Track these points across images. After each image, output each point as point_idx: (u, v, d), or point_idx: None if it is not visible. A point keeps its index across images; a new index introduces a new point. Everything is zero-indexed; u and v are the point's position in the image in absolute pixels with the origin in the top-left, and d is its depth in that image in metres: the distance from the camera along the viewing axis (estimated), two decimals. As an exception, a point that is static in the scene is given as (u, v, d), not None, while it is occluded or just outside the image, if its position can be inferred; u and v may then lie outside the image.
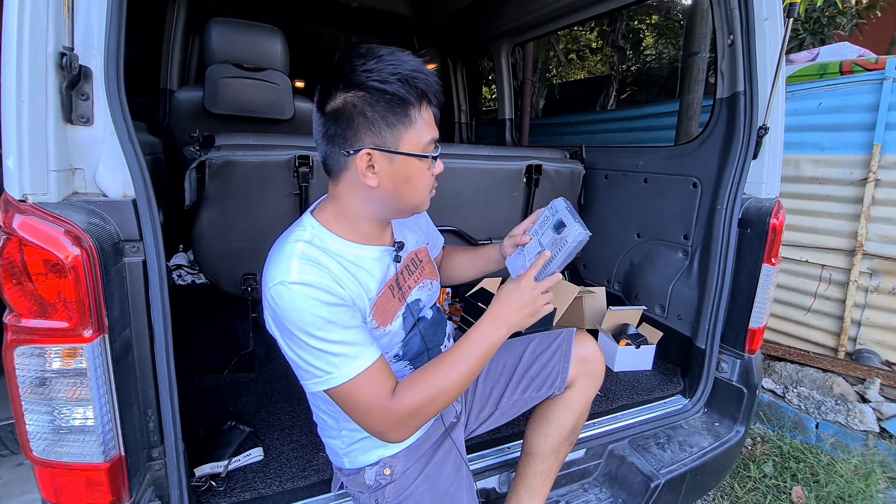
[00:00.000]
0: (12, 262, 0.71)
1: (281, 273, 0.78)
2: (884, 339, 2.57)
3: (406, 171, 0.83)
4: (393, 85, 0.78)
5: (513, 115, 3.20)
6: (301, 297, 0.76)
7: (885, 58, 2.56)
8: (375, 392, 0.80)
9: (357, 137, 0.80)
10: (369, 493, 0.98)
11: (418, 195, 0.88)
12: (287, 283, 0.77)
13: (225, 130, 1.54)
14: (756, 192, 1.50)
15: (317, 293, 0.77)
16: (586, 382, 1.12)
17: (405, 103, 0.80)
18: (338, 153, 0.83)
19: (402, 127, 0.81)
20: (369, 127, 0.79)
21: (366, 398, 0.80)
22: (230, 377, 1.59)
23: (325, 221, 0.88)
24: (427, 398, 0.83)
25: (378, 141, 0.80)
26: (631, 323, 1.86)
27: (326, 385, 0.79)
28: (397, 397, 0.82)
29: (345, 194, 0.87)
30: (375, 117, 0.79)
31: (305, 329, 0.77)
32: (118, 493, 0.84)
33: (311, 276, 0.78)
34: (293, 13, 3.06)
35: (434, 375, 0.84)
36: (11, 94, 0.69)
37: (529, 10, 2.51)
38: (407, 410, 0.82)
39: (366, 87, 0.78)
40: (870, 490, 1.95)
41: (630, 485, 1.35)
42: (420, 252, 1.08)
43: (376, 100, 0.78)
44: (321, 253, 0.83)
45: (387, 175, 0.82)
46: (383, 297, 0.91)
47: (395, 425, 0.82)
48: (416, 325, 0.99)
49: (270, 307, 0.79)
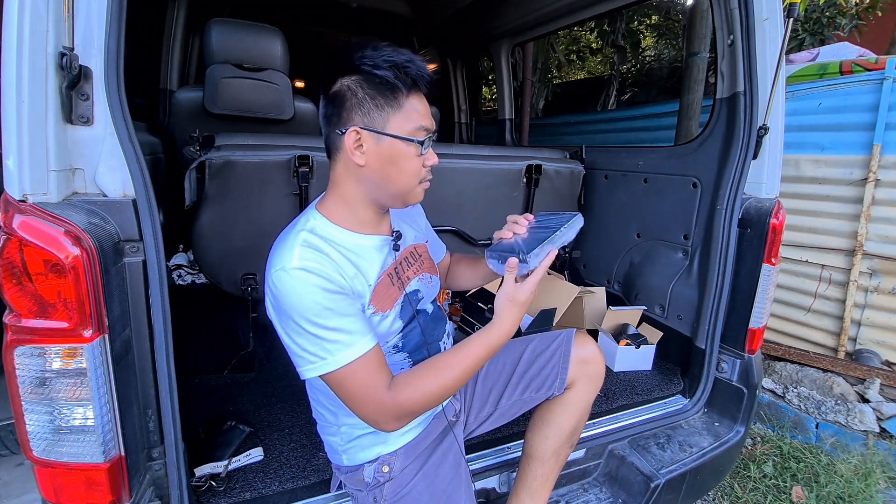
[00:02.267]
0: (12, 262, 0.71)
1: (283, 259, 0.81)
2: (884, 339, 2.57)
3: (393, 153, 0.87)
4: (384, 70, 0.83)
5: (513, 115, 3.20)
6: (301, 282, 0.79)
7: (885, 58, 2.56)
8: (369, 381, 0.82)
9: (348, 117, 0.85)
10: (367, 491, 0.98)
11: (406, 179, 0.90)
12: (288, 268, 0.80)
13: (225, 130, 1.54)
14: (756, 192, 1.50)
15: (316, 279, 0.79)
16: (586, 384, 1.12)
17: (394, 88, 0.84)
18: (333, 133, 0.89)
19: (391, 110, 0.85)
20: (359, 107, 0.85)
21: (359, 386, 0.82)
22: (230, 377, 1.59)
23: (328, 212, 0.92)
24: (424, 396, 0.84)
25: (366, 121, 0.85)
26: (631, 323, 1.86)
27: (320, 371, 0.81)
28: (395, 391, 0.83)
29: (340, 176, 0.91)
30: (365, 98, 0.84)
31: (303, 314, 0.79)
32: (118, 493, 0.84)
33: (312, 263, 0.81)
34: (293, 13, 3.06)
35: (435, 375, 0.85)
36: (11, 94, 0.69)
37: (529, 10, 2.51)
38: (403, 405, 0.84)
39: (360, 71, 0.84)
40: (870, 490, 1.95)
41: (630, 485, 1.35)
42: (419, 247, 1.09)
43: (368, 82, 0.84)
44: (323, 242, 0.86)
45: (374, 154, 0.86)
46: (382, 283, 0.93)
47: (389, 417, 0.84)
48: (415, 317, 0.99)
49: (271, 292, 0.82)
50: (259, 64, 2.09)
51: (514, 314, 0.88)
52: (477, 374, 1.17)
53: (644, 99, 6.67)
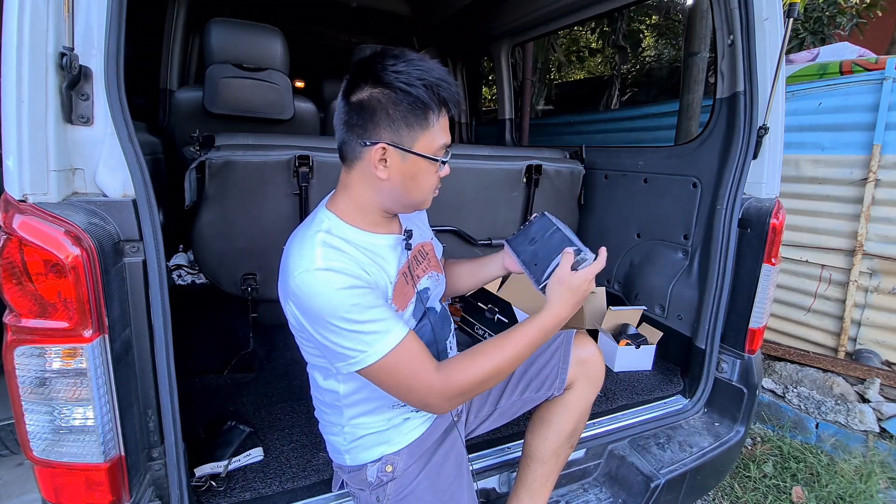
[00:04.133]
0: (12, 262, 0.71)
1: (305, 261, 0.80)
2: (884, 339, 2.57)
3: (415, 170, 0.87)
4: (418, 89, 0.82)
5: (513, 115, 3.20)
6: (328, 282, 0.78)
7: (885, 58, 2.56)
8: (415, 365, 0.83)
9: (376, 131, 0.84)
10: (370, 491, 0.98)
11: (422, 193, 0.92)
12: (313, 270, 0.79)
13: (225, 130, 1.54)
14: (756, 192, 1.50)
15: (343, 278, 0.79)
16: (585, 385, 1.12)
17: (426, 107, 0.84)
18: (355, 142, 0.87)
19: (420, 129, 0.85)
20: (389, 124, 0.84)
21: (406, 371, 0.82)
22: (230, 377, 1.59)
23: (340, 212, 0.91)
24: (476, 377, 0.86)
25: (395, 138, 0.84)
26: (631, 323, 1.86)
27: (361, 364, 0.81)
28: (445, 372, 0.84)
29: (356, 183, 0.90)
30: (397, 116, 0.83)
31: (335, 313, 0.78)
32: (118, 493, 0.84)
33: (337, 263, 0.81)
34: (293, 13, 3.06)
35: (488, 356, 0.87)
36: (11, 94, 0.69)
37: (529, 10, 2.51)
38: (455, 386, 0.84)
39: (393, 87, 0.82)
40: (870, 490, 1.95)
41: (630, 485, 1.35)
42: (426, 245, 1.10)
43: (400, 100, 0.82)
44: (341, 241, 0.86)
45: (397, 171, 0.86)
46: (399, 282, 0.93)
47: (441, 398, 0.85)
48: (425, 314, 1.00)
49: (297, 296, 0.81)
50: (259, 64, 2.09)
51: (566, 299, 0.90)
52: None
53: (644, 99, 6.67)
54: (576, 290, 0.91)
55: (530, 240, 1.04)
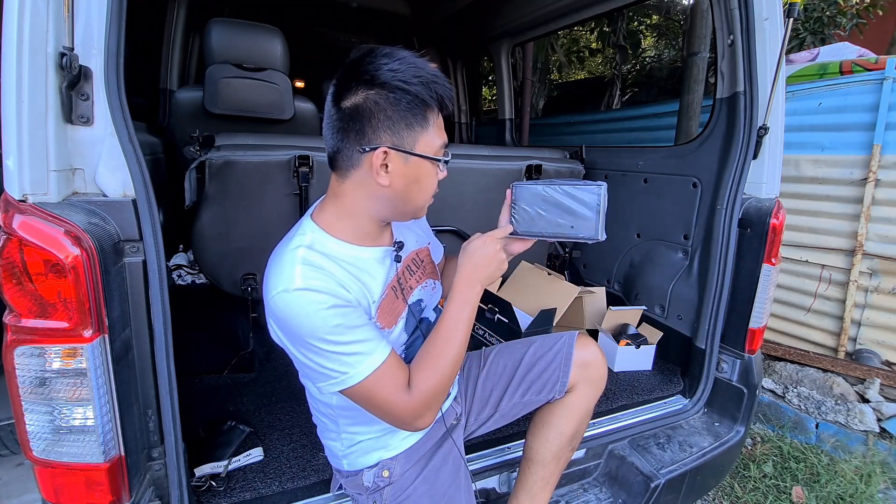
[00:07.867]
0: (12, 262, 0.71)
1: (284, 280, 0.77)
2: (884, 339, 2.57)
3: (418, 173, 0.84)
4: (416, 87, 0.79)
5: (513, 115, 3.20)
6: (307, 302, 0.75)
7: (885, 58, 2.56)
8: (393, 386, 0.81)
9: (375, 135, 0.80)
10: (367, 495, 0.98)
11: (424, 197, 0.89)
12: (291, 290, 0.76)
13: (225, 130, 1.54)
14: (756, 192, 1.50)
15: (323, 297, 0.76)
16: (587, 388, 1.11)
17: (425, 106, 0.81)
18: (352, 149, 0.82)
19: (420, 129, 0.82)
20: (389, 126, 0.80)
21: (385, 393, 0.81)
22: (230, 377, 1.59)
23: (326, 224, 0.87)
24: (440, 377, 0.85)
25: (396, 141, 0.81)
26: (631, 323, 1.86)
27: (343, 385, 0.79)
28: (414, 387, 0.83)
29: (351, 191, 0.86)
30: (397, 117, 0.79)
31: (315, 334, 0.76)
32: (118, 493, 0.84)
33: (316, 282, 0.77)
34: (293, 13, 3.06)
35: (437, 354, 0.86)
36: (11, 94, 0.69)
37: (529, 10, 2.51)
38: (427, 396, 0.84)
39: (390, 87, 0.78)
40: (870, 490, 1.95)
41: (630, 485, 1.35)
42: (421, 252, 1.07)
43: (399, 99, 0.79)
44: (323, 257, 0.82)
45: (399, 175, 0.83)
46: (387, 298, 0.90)
47: (421, 412, 0.84)
48: (418, 327, 0.98)
49: (276, 315, 0.78)
50: (259, 64, 2.09)
51: (464, 263, 0.91)
52: (477, 375, 1.17)
53: (644, 99, 6.66)
54: (472, 254, 0.90)
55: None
